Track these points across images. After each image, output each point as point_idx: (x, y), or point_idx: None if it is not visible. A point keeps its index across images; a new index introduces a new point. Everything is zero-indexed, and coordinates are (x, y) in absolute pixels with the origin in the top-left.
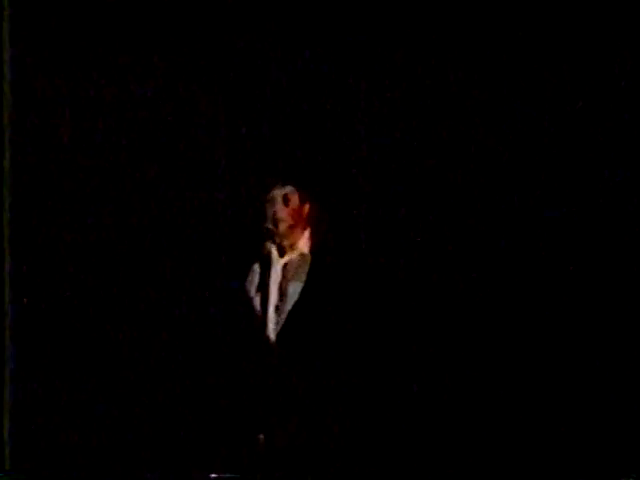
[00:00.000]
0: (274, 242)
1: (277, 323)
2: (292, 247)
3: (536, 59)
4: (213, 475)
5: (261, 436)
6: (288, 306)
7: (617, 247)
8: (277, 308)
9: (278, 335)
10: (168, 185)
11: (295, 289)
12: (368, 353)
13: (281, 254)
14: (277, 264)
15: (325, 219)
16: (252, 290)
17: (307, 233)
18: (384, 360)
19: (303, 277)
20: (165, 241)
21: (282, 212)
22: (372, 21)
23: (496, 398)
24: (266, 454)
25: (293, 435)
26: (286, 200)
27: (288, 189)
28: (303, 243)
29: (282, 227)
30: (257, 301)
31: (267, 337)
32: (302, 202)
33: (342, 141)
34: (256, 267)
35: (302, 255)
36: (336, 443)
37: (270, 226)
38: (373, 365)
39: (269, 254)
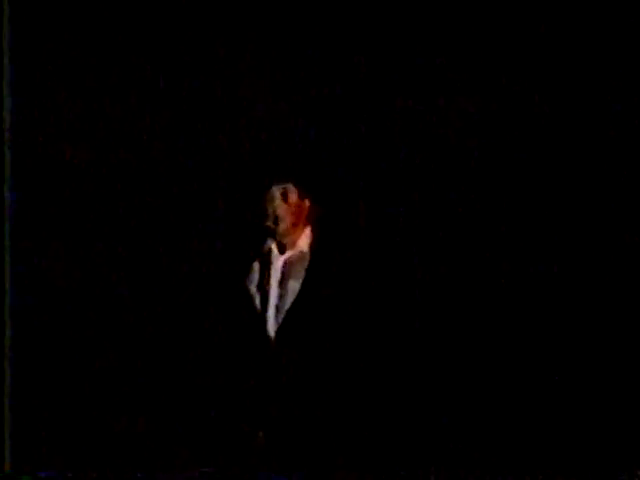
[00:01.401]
0: (275, 240)
1: (277, 321)
2: (292, 245)
3: (537, 61)
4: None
5: (260, 433)
6: (287, 304)
7: (617, 248)
8: (277, 306)
9: (277, 333)
10: (168, 183)
11: (294, 287)
12: (367, 350)
13: (281, 252)
14: (277, 262)
15: (324, 216)
16: (253, 288)
17: (307, 231)
18: (384, 357)
19: (301, 275)
20: (165, 239)
21: (282, 209)
22: (369, 19)
23: (495, 397)
24: (265, 451)
25: (292, 432)
26: (285, 197)
27: (287, 186)
28: (303, 241)
29: (282, 225)
30: (257, 299)
31: (267, 335)
32: (302, 199)
33: (341, 137)
34: (256, 265)
35: (301, 253)
36: (336, 440)
37: (271, 224)
38: (373, 362)
39: (269, 252)
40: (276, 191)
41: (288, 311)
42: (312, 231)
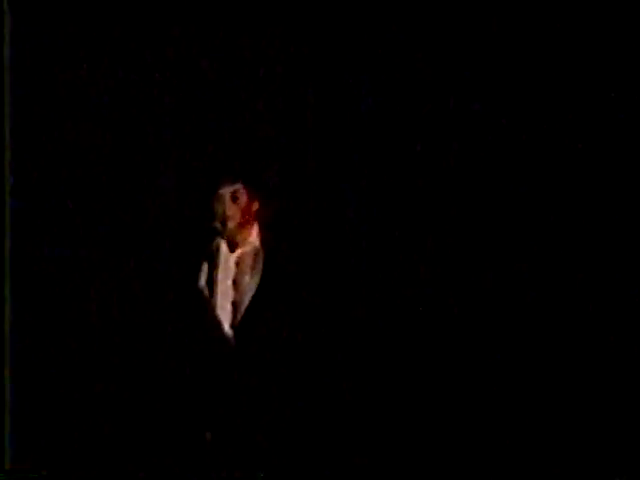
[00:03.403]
0: (224, 239)
1: (235, 318)
2: (243, 242)
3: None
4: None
5: (208, 434)
6: (246, 300)
7: (617, 248)
8: (234, 303)
9: (236, 330)
10: (116, 185)
11: (251, 282)
12: (330, 346)
13: (232, 249)
14: (229, 259)
15: (275, 214)
16: (206, 288)
17: (256, 228)
18: (348, 352)
19: (259, 270)
20: (115, 243)
21: (231, 210)
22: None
23: (483, 403)
24: (221, 452)
25: (253, 432)
26: (235, 198)
27: (237, 186)
28: (254, 238)
29: (231, 225)
30: (211, 297)
31: (225, 333)
32: (251, 199)
33: (290, 137)
34: (206, 265)
35: (255, 248)
36: (298, 439)
37: (218, 224)
38: (336, 358)
39: (218, 250)
40: (226, 192)
41: (247, 308)
42: (260, 228)
